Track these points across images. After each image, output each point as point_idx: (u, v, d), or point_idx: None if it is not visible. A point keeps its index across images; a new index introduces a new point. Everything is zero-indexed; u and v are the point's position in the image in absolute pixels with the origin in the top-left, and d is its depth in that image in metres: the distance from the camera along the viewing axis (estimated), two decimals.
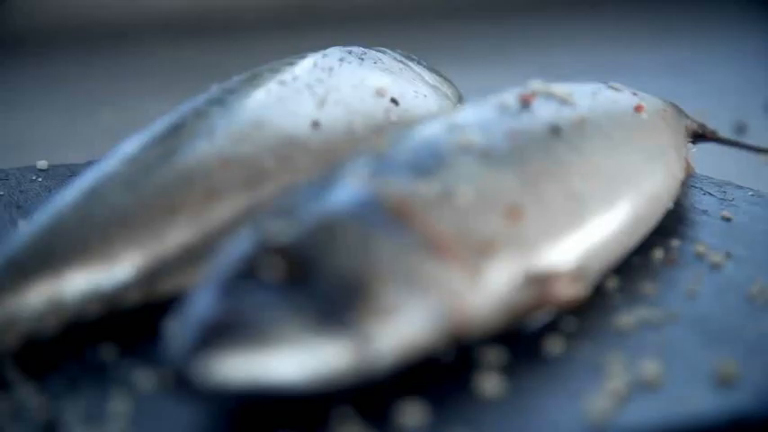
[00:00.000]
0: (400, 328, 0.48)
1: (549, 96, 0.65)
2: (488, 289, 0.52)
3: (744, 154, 0.85)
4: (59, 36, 1.76)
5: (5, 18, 1.72)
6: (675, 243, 0.66)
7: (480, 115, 0.61)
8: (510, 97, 0.64)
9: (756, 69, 1.68)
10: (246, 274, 0.49)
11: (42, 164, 0.84)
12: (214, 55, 1.74)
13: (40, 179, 0.82)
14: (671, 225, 0.68)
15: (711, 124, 0.80)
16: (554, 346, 0.53)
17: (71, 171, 0.82)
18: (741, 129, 1.22)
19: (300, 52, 0.74)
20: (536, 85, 0.66)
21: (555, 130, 0.61)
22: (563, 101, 0.64)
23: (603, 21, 2.01)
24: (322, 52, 0.74)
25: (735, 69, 1.67)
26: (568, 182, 0.58)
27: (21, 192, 0.79)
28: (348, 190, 0.53)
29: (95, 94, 1.52)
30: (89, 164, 0.78)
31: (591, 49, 1.80)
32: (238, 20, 1.90)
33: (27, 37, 1.74)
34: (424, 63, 0.81)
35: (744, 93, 1.48)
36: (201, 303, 0.48)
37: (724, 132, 0.82)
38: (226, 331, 0.46)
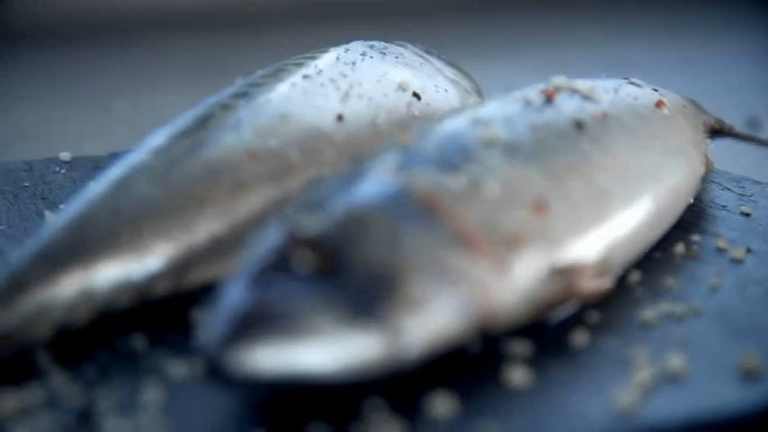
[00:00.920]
0: (430, 321, 0.49)
1: (572, 92, 0.65)
2: (515, 282, 0.53)
3: (759, 149, 0.85)
4: (74, 29, 1.77)
5: (23, 11, 1.73)
6: (696, 238, 0.66)
7: (504, 110, 0.62)
8: (533, 92, 0.65)
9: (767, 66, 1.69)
10: (278, 265, 0.50)
11: (65, 155, 0.85)
12: (229, 47, 1.75)
13: (63, 170, 0.82)
14: (691, 220, 0.69)
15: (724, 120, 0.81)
16: (579, 338, 0.54)
17: (94, 163, 0.83)
18: (754, 124, 1.22)
19: (317, 46, 0.75)
20: (558, 80, 0.66)
21: (578, 125, 0.62)
22: (585, 96, 0.65)
23: (615, 17, 2.02)
24: (344, 46, 0.75)
25: (745, 66, 1.68)
26: (592, 176, 0.59)
27: (45, 183, 0.80)
28: (377, 183, 0.54)
29: (111, 87, 1.53)
30: (112, 156, 0.79)
31: (602, 45, 1.80)
32: (253, 13, 1.90)
33: (43, 30, 1.74)
34: (444, 57, 0.81)
35: (755, 89, 1.49)
36: (234, 294, 0.49)
37: (737, 128, 0.83)
38: (259, 322, 0.47)
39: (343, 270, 0.49)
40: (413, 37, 0.89)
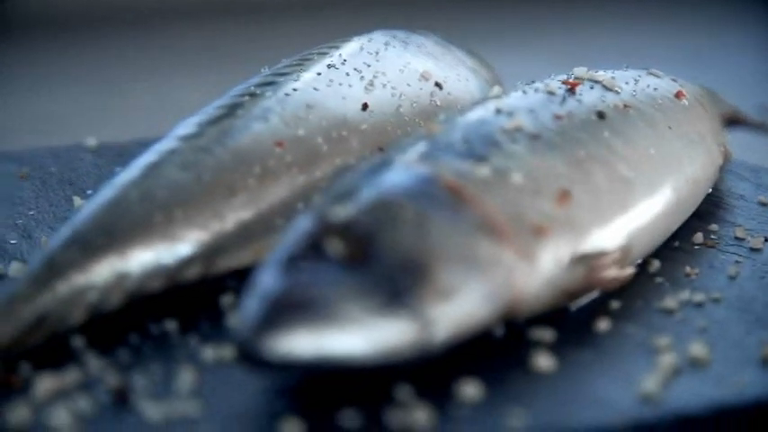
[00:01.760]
0: (458, 308, 0.50)
1: (593, 82, 0.66)
2: (540, 270, 0.54)
3: None
4: (92, 18, 1.78)
5: (42, 0, 1.74)
6: (715, 227, 0.67)
7: (528, 101, 0.63)
8: (555, 83, 0.65)
9: None
10: (310, 253, 0.51)
11: (91, 141, 0.86)
12: (242, 36, 1.76)
13: (89, 156, 0.84)
14: (709, 210, 0.70)
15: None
16: (601, 325, 0.55)
17: (119, 149, 0.84)
18: (764, 113, 1.22)
19: (332, 35, 0.76)
20: (580, 71, 0.67)
21: (600, 116, 0.63)
22: (606, 87, 0.66)
23: (621, 8, 2.02)
24: (367, 36, 0.76)
25: (754, 54, 1.68)
26: (614, 166, 0.60)
27: (72, 169, 0.81)
28: (404, 172, 0.55)
29: (127, 74, 1.54)
30: (137, 142, 0.80)
31: (609, 35, 1.81)
32: (267, 2, 1.91)
33: (62, 19, 1.75)
34: (464, 47, 0.82)
35: (764, 77, 1.49)
36: (268, 281, 0.50)
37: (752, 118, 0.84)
38: (293, 308, 0.48)
39: (373, 257, 0.50)
40: (431, 26, 0.89)
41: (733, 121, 0.81)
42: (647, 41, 1.73)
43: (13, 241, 0.67)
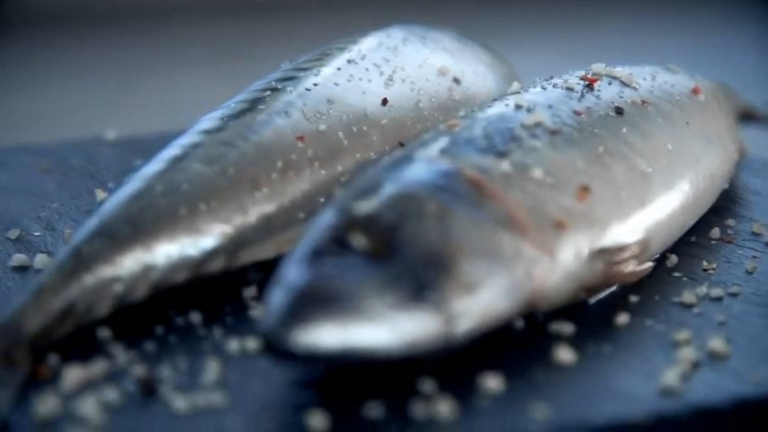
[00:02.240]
0: (481, 302, 0.51)
1: (612, 78, 0.67)
2: (560, 264, 0.55)
3: None
4: (111, 11, 1.78)
5: None
6: (731, 222, 0.68)
7: (547, 96, 0.64)
8: (574, 79, 0.66)
9: None
10: (334, 247, 0.51)
11: (110, 134, 0.87)
12: (257, 29, 1.76)
13: (109, 149, 0.84)
14: (726, 205, 0.70)
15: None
16: (620, 319, 0.56)
17: (139, 142, 0.85)
18: None
19: (347, 31, 0.76)
20: (598, 67, 0.68)
21: (618, 111, 0.63)
22: (625, 83, 0.67)
23: (638, 3, 2.02)
24: (384, 31, 0.77)
25: (756, 53, 1.68)
26: (633, 161, 0.61)
27: (92, 162, 0.82)
28: (427, 166, 0.55)
29: (145, 68, 1.54)
30: (156, 135, 0.81)
31: (623, 31, 1.81)
32: None
33: (80, 12, 1.76)
34: (479, 42, 0.83)
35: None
36: (293, 274, 0.50)
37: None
38: (318, 301, 0.49)
39: (396, 251, 0.51)
40: (445, 21, 0.90)
41: (747, 116, 0.81)
42: (656, 36, 1.73)
43: (36, 233, 0.68)
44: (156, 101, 1.36)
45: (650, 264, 0.59)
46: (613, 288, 0.58)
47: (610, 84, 0.66)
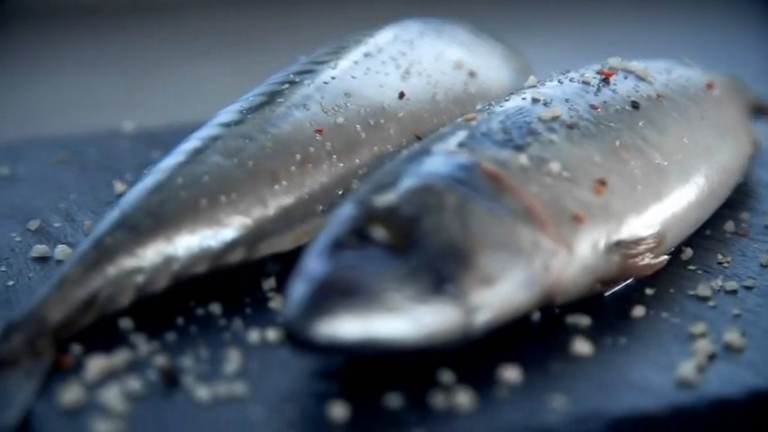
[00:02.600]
0: (500, 294, 0.51)
1: (627, 72, 0.67)
2: (577, 256, 0.55)
3: None
4: (126, 2, 1.79)
5: None
6: (745, 216, 0.69)
7: (563, 90, 0.64)
8: (590, 73, 0.67)
9: None
10: (354, 239, 0.52)
11: (128, 126, 0.88)
12: (271, 20, 1.76)
13: (126, 141, 0.85)
14: (740, 198, 0.71)
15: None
16: (636, 312, 0.56)
17: (156, 134, 0.85)
18: None
19: (357, 24, 0.77)
20: (614, 61, 0.68)
21: (634, 105, 0.64)
22: (640, 77, 0.67)
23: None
24: (399, 25, 0.77)
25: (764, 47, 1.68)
26: (648, 155, 0.61)
27: (109, 154, 0.82)
28: (445, 159, 0.56)
29: (160, 60, 1.55)
30: (173, 127, 0.82)
31: (632, 25, 1.81)
32: None
33: (96, 3, 1.76)
34: (493, 36, 0.83)
35: None
36: (314, 266, 0.51)
37: None
38: (338, 292, 0.49)
39: (416, 244, 0.51)
40: (461, 14, 0.90)
41: (759, 110, 0.82)
42: (668, 31, 1.73)
43: (56, 224, 0.69)
44: (172, 92, 1.37)
45: (666, 257, 0.60)
46: (629, 281, 0.59)
47: (626, 78, 0.67)
